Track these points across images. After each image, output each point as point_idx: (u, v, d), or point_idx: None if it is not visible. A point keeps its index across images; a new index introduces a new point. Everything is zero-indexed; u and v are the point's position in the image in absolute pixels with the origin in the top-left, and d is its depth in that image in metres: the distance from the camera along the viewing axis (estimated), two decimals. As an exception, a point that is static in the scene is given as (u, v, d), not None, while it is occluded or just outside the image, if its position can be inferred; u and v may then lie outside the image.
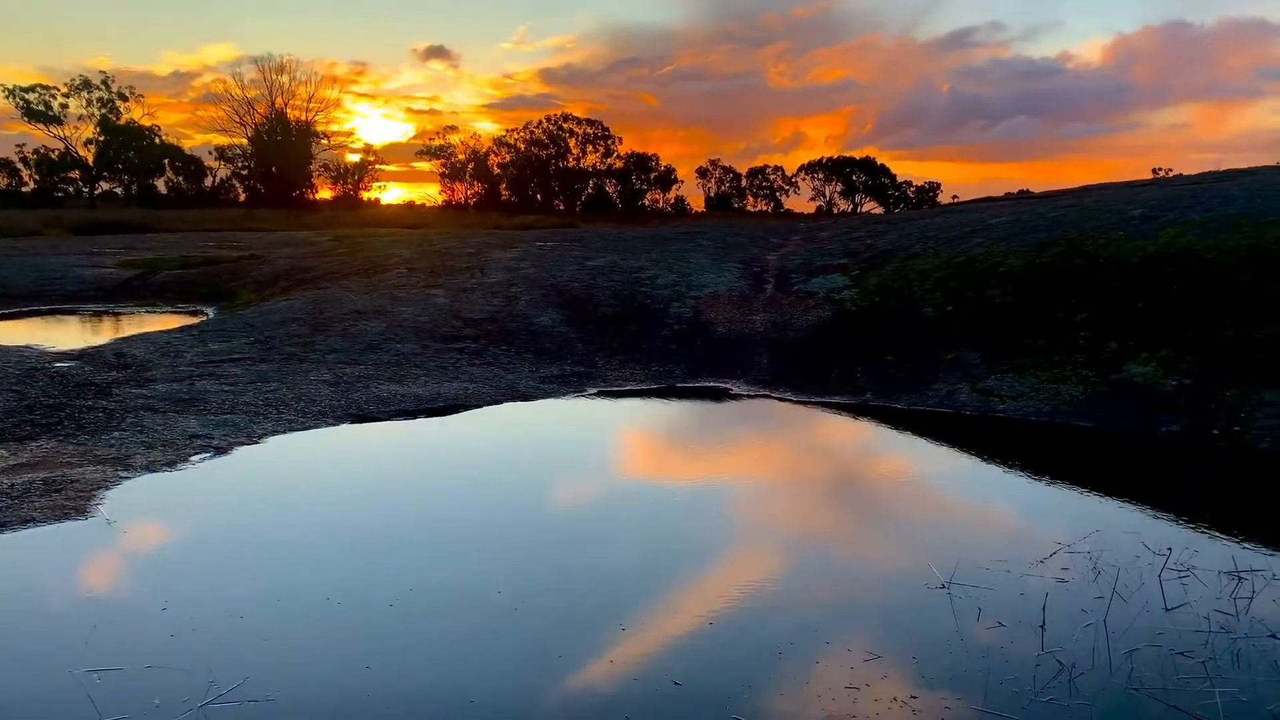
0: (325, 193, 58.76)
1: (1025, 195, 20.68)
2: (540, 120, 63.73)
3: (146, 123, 58.14)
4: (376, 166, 61.57)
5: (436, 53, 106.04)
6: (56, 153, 55.70)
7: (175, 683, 3.40)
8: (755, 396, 8.92)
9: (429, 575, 4.49)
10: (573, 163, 63.14)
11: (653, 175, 63.83)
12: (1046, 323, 9.13)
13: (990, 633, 3.88)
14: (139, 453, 6.28)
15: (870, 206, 62.56)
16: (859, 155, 65.60)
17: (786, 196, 65.50)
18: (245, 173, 58.42)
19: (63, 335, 12.10)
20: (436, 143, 62.77)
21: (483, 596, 4.25)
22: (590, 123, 64.05)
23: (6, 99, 54.38)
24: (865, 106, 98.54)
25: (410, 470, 6.48)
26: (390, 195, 63.76)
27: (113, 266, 17.97)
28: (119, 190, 57.77)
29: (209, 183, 59.23)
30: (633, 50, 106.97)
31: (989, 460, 6.90)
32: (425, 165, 64.23)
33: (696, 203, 64.52)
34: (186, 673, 3.47)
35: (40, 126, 55.01)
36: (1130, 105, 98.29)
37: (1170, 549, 4.73)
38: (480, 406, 8.17)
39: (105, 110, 56.30)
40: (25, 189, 54.57)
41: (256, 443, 6.74)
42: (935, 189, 63.90)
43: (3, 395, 7.43)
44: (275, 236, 24.65)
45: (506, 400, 8.43)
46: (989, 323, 9.51)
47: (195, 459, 6.27)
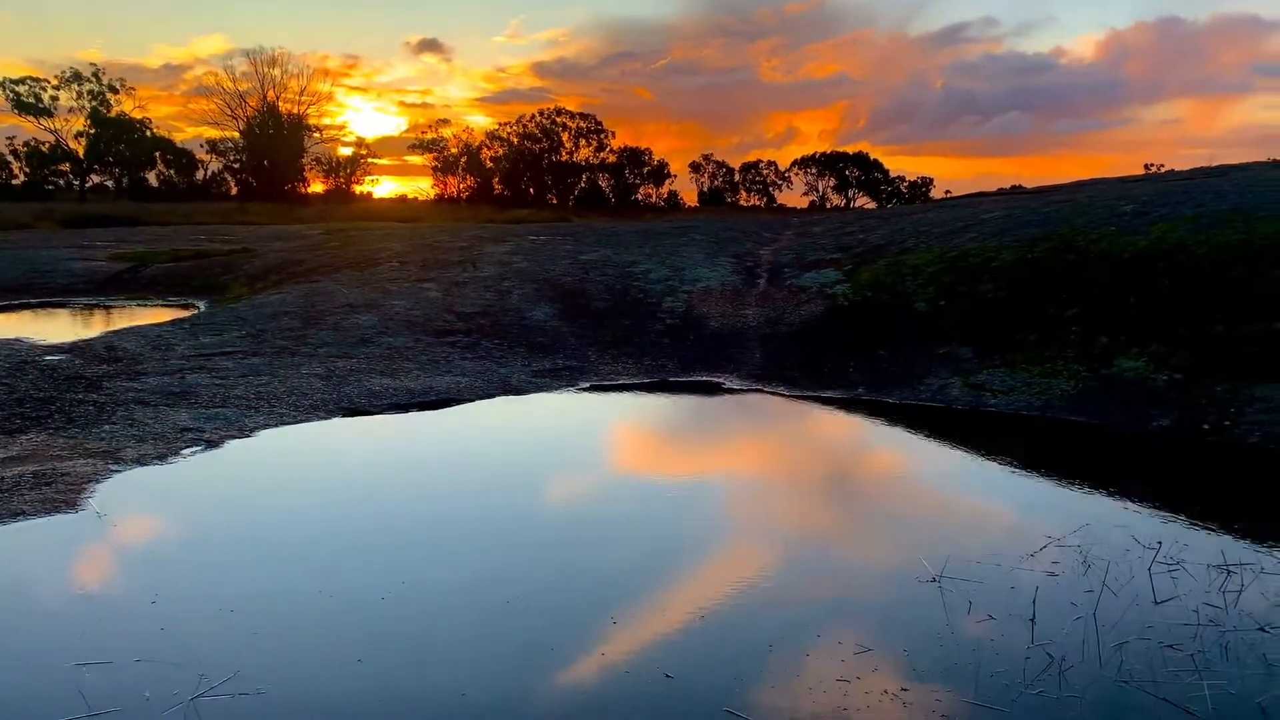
0: (317, 186, 58.56)
1: (1018, 190, 20.72)
2: (533, 114, 63.58)
3: (137, 115, 57.85)
4: (369, 160, 61.33)
5: (429, 46, 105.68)
6: (47, 145, 55.40)
7: (165, 676, 3.39)
8: (748, 391, 8.93)
9: (421, 569, 4.49)
10: (566, 157, 63.01)
11: (646, 170, 63.72)
12: (1038, 317, 9.15)
13: (981, 626, 3.89)
14: (130, 446, 6.26)
15: (863, 201, 62.55)
16: (852, 150, 65.58)
17: (779, 191, 65.46)
18: (237, 166, 58.14)
19: (53, 328, 12.05)
20: (429, 136, 62.57)
21: (474, 590, 4.24)
22: (584, 116, 63.94)
23: (-4, 91, 54.09)
24: (858, 101, 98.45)
25: (402, 464, 6.47)
26: (383, 189, 63.43)
27: (103, 259, 17.90)
28: (110, 183, 57.49)
29: (200, 176, 58.98)
30: (626, 44, 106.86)
31: (980, 454, 6.91)
32: (418, 159, 64.16)
33: (690, 197, 64.46)
34: (177, 666, 3.46)
35: (30, 119, 54.70)
36: (1123, 101, 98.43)
37: (1160, 543, 4.75)
38: (472, 400, 8.16)
39: (96, 103, 56.00)
40: (15, 182, 54.27)
41: (248, 436, 6.72)
42: (928, 184, 63.89)
43: (-8, 388, 7.40)
44: (267, 230, 24.57)
45: (499, 394, 8.43)
46: (981, 317, 9.53)
47: (186, 452, 6.25)
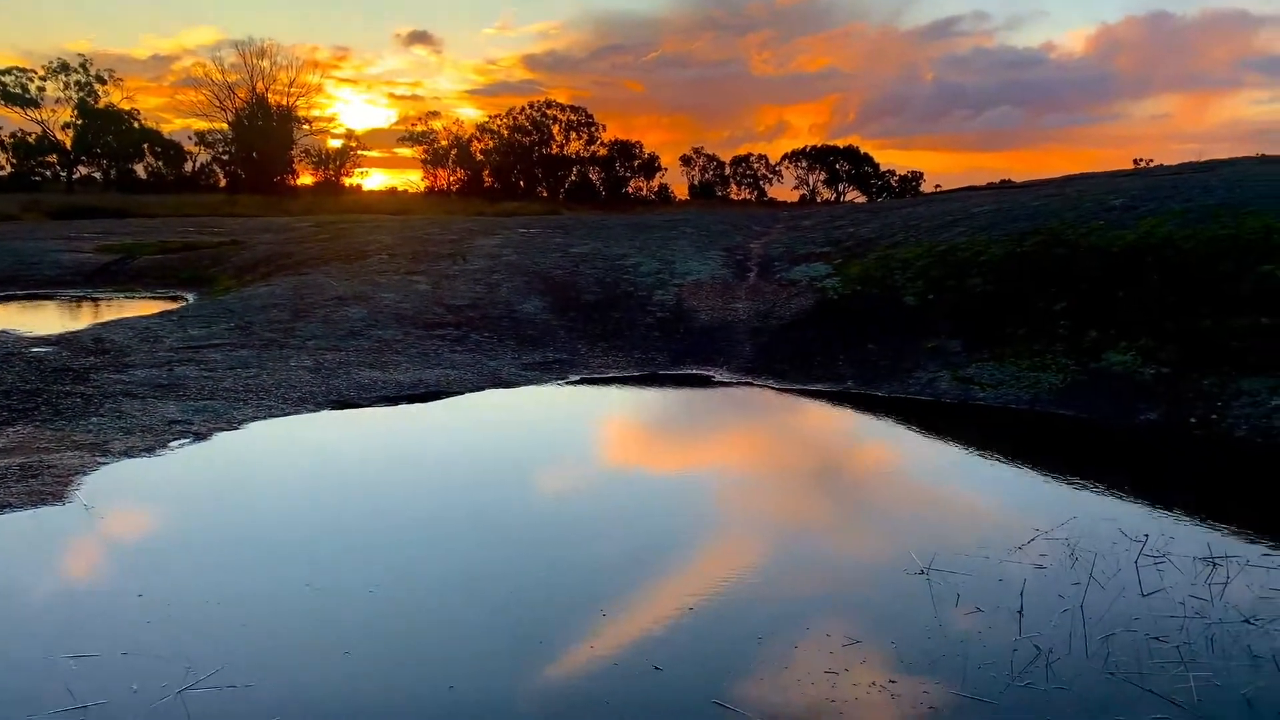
0: (306, 178, 58.31)
1: (1007, 185, 20.73)
2: (524, 106, 63.32)
3: (125, 106, 57.55)
4: (358, 152, 61.09)
5: (419, 38, 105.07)
6: (34, 136, 55.07)
7: (152, 669, 3.38)
8: (738, 384, 8.94)
9: (409, 562, 4.48)
10: (556, 150, 62.85)
11: (636, 163, 63.61)
12: (1027, 311, 9.17)
13: (969, 618, 3.90)
14: (117, 438, 6.23)
15: (853, 195, 62.59)
16: (842, 144, 65.56)
17: (770, 185, 65.42)
18: (226, 158, 57.90)
19: (40, 320, 11.99)
20: (419, 128, 62.30)
21: (463, 583, 4.24)
22: (574, 109, 63.76)
23: (-17, 81, 53.69)
24: (849, 95, 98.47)
25: (391, 457, 6.46)
26: (372, 181, 63.20)
27: (91, 251, 17.80)
28: (97, 175, 57.18)
29: (189, 168, 58.73)
30: (617, 37, 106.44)
31: (969, 448, 6.93)
32: (408, 151, 63.63)
33: (680, 190, 64.37)
34: (163, 659, 3.45)
35: (17, 109, 54.33)
36: (1112, 95, 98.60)
37: (1147, 535, 4.77)
38: (462, 393, 8.15)
39: (83, 94, 55.67)
40: (2, 173, 53.97)
41: (236, 429, 6.70)
42: (918, 178, 63.93)
43: (-22, 380, 7.35)
44: (256, 222, 24.46)
45: (488, 387, 8.41)
46: (970, 311, 9.55)
47: (174, 445, 6.23)
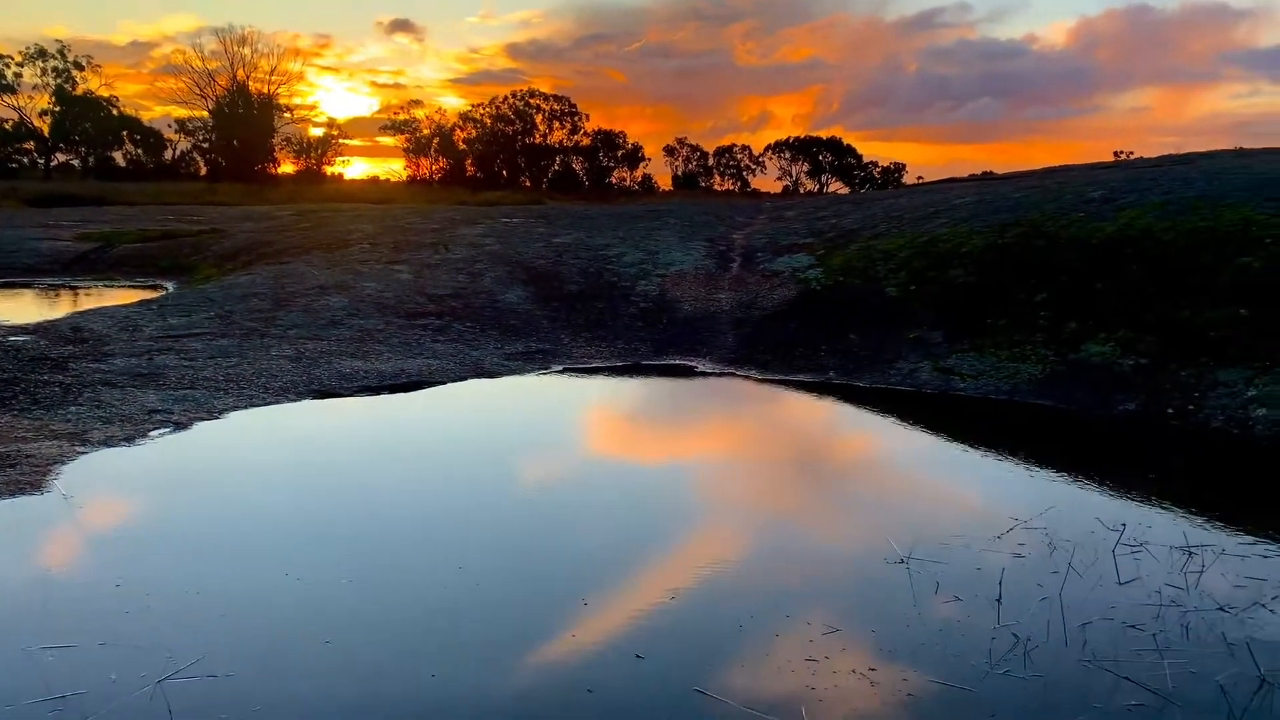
0: (288, 167, 57.94)
1: (989, 176, 20.85)
2: (506, 96, 63.16)
3: (104, 93, 57.01)
4: (340, 141, 60.79)
5: (401, 26, 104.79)
6: (10, 123, 54.49)
7: (131, 659, 3.36)
8: (721, 374, 8.95)
9: (389, 552, 4.48)
10: (539, 139, 62.70)
11: (620, 153, 63.55)
12: (1007, 302, 9.22)
13: (948, 606, 3.93)
14: (96, 428, 6.19)
15: (836, 186, 62.75)
16: (826, 135, 65.77)
17: (753, 176, 65.56)
18: (206, 146, 57.44)
19: (17, 308, 11.88)
20: (401, 117, 62.05)
21: (444, 572, 4.24)
22: (557, 99, 63.63)
23: (-42, 67, 53.04)
24: (832, 86, 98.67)
25: (373, 447, 6.44)
26: (354, 170, 62.96)
27: (69, 239, 17.65)
28: (75, 162, 56.65)
29: (169, 156, 58.27)
30: (600, 26, 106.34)
31: (949, 438, 6.97)
32: (390, 140, 63.36)
33: (664, 181, 64.38)
34: (143, 649, 3.43)
35: (-7, 96, 53.76)
36: (1093, 88, 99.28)
37: (1124, 525, 4.81)
38: (444, 383, 8.13)
39: (61, 80, 55.09)
40: (-22, 160, 53.38)
41: (217, 418, 6.66)
42: (901, 169, 64.21)
43: (-45, 369, 7.28)
44: (236, 211, 24.30)
45: (471, 377, 8.40)
46: (951, 302, 9.59)
47: (154, 434, 6.19)
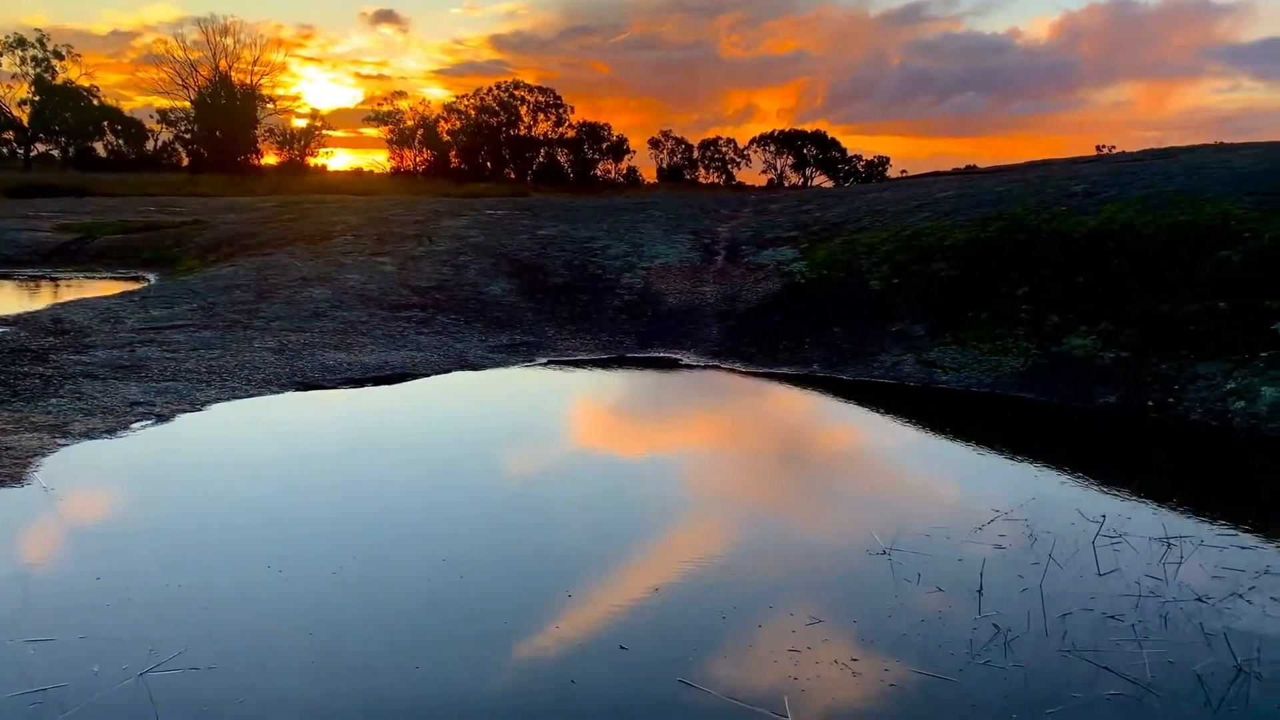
0: (271, 158, 57.58)
1: (972, 170, 20.91)
2: (491, 87, 62.84)
3: (84, 83, 56.47)
4: (323, 132, 60.41)
5: (385, 17, 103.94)
6: (-12, 113, 53.96)
7: (112, 652, 3.35)
8: (705, 367, 8.97)
9: (373, 543, 4.47)
10: (524, 131, 62.47)
11: (605, 145, 63.40)
12: (989, 296, 9.27)
13: (929, 597, 3.96)
14: (78, 420, 6.15)
15: (821, 180, 62.81)
16: (810, 128, 65.84)
17: (738, 169, 65.51)
18: (188, 136, 56.97)
19: (-4, 300, 11.77)
20: (385, 108, 61.68)
21: (427, 565, 4.24)
22: (542, 90, 63.38)
23: (-65, 56, 52.46)
24: (817, 79, 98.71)
25: (356, 439, 6.43)
26: (337, 162, 62.68)
27: (49, 230, 17.49)
28: (55, 152, 56.13)
29: (150, 146, 57.76)
30: (585, 18, 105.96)
31: (931, 430, 7.01)
32: (373, 131, 63.03)
33: (649, 173, 64.26)
34: (124, 642, 3.42)
35: (-29, 85, 53.22)
36: (1076, 82, 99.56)
37: (1104, 517, 4.85)
38: (428, 375, 8.12)
39: (40, 69, 54.54)
40: (-44, 150, 52.86)
41: (200, 410, 6.63)
42: (885, 163, 64.29)
43: (-67, 361, 7.22)
44: (219, 202, 24.13)
45: (455, 369, 8.38)
46: (933, 296, 9.64)
47: (136, 426, 6.16)
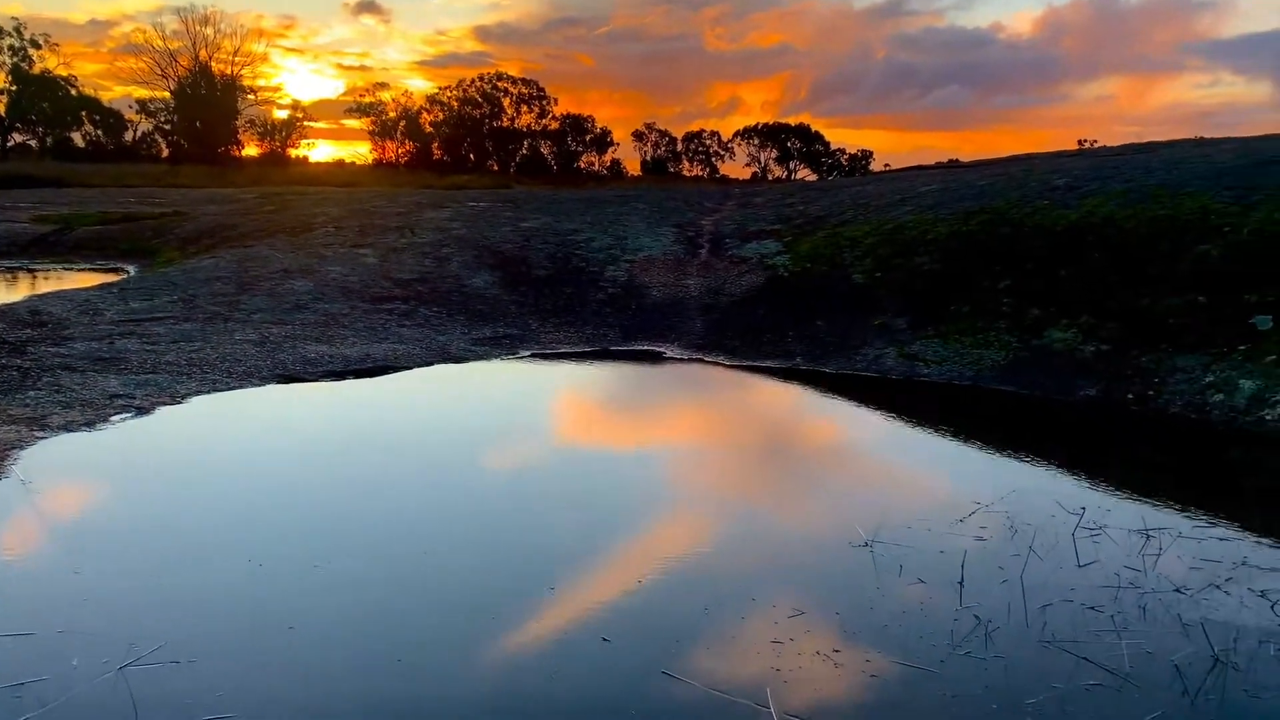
0: (252, 149, 57.19)
1: (955, 164, 20.98)
2: (474, 79, 62.61)
3: (62, 73, 55.94)
4: (305, 123, 60.06)
5: (368, 7, 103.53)
6: (-35, 102, 53.37)
7: (91, 646, 3.33)
8: (689, 360, 8.97)
9: (355, 537, 4.45)
10: (507, 123, 62.28)
11: (588, 137, 63.29)
12: (971, 289, 9.31)
13: (911, 589, 3.98)
14: (56, 412, 6.09)
15: (804, 173, 62.90)
16: (794, 122, 65.87)
17: (722, 162, 65.53)
18: (168, 127, 56.54)
19: (-27, 292, 11.66)
20: (367, 100, 61.34)
21: (409, 558, 4.23)
22: (525, 82, 63.19)
23: (-90, 44, 51.83)
24: (801, 72, 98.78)
25: (337, 432, 6.40)
26: (319, 153, 62.15)
27: (27, 221, 17.33)
28: (33, 143, 55.58)
29: (129, 137, 57.32)
30: (568, 9, 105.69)
31: (913, 423, 7.04)
32: (355, 123, 62.76)
33: (632, 166, 64.18)
34: (102, 637, 3.39)
35: (-53, 74, 52.64)
36: (1059, 77, 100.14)
37: (1084, 509, 4.89)
38: (410, 368, 8.09)
39: (17, 59, 53.99)
40: (-68, 140, 52.27)
41: (180, 403, 6.59)
42: (868, 157, 64.48)
43: (-91, 353, 7.14)
44: (199, 193, 23.96)
45: (438, 362, 8.36)
46: (916, 289, 9.67)
47: (116, 419, 6.11)
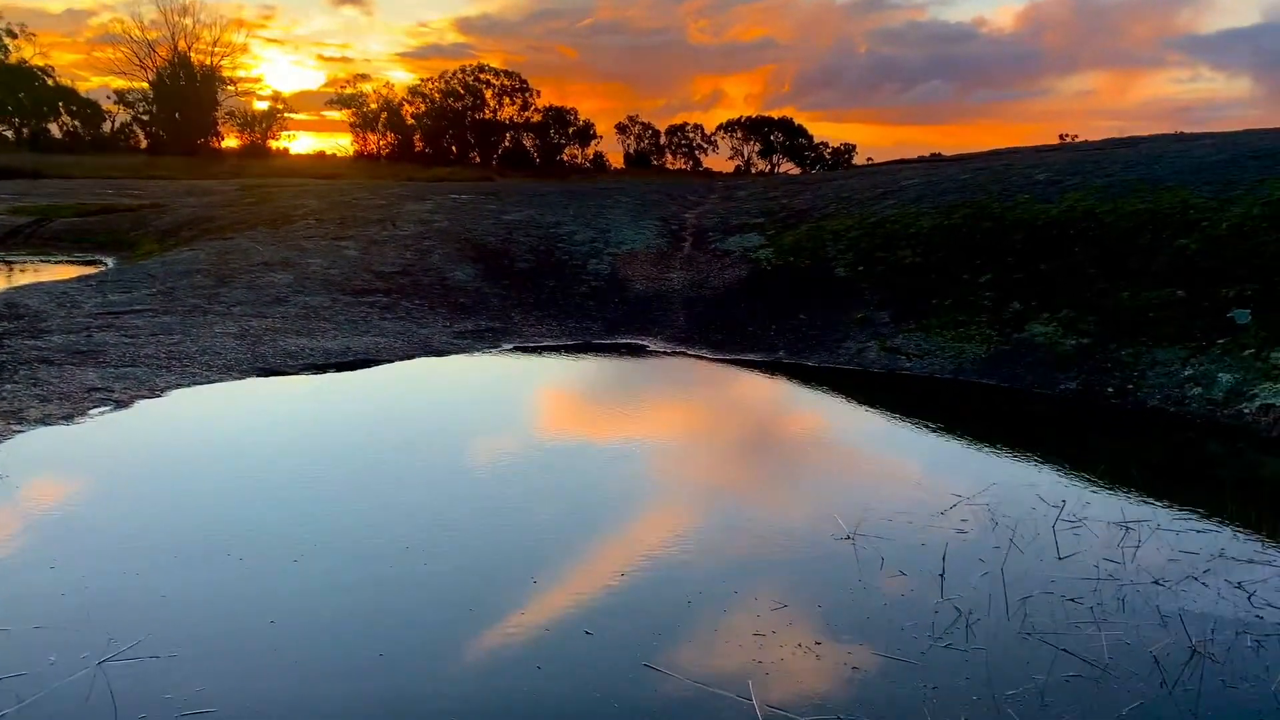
0: (231, 141, 56.66)
1: (937, 158, 21.02)
2: (456, 71, 62.16)
3: (39, 63, 55.26)
4: (285, 115, 59.51)
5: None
6: (-60, 92, 52.69)
7: (69, 641, 3.30)
8: (672, 354, 8.97)
9: (335, 531, 4.43)
10: (489, 115, 61.92)
11: (571, 130, 63.00)
12: (953, 283, 9.35)
13: (892, 581, 3.99)
14: (33, 406, 6.04)
15: (788, 167, 62.86)
16: (777, 115, 65.86)
17: (705, 155, 65.37)
18: (146, 118, 55.98)
19: (-52, 284, 11.53)
20: (348, 91, 60.84)
21: (390, 552, 4.21)
22: (508, 74, 62.82)
23: (-117, 33, 51.13)
24: (784, 66, 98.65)
25: (318, 426, 6.37)
26: (300, 145, 61.50)
27: (2, 213, 17.14)
28: (9, 134, 54.95)
29: (107, 128, 56.66)
30: (551, 1, 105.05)
31: (895, 416, 7.06)
32: (336, 114, 62.16)
33: (615, 159, 63.94)
34: (81, 631, 3.37)
35: (-79, 64, 51.95)
36: (1040, 71, 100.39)
37: (1064, 501, 4.92)
38: (392, 361, 8.05)
39: (-7, 48, 53.36)
40: (-94, 130, 51.59)
41: (159, 396, 6.54)
42: (851, 150, 64.44)
43: (-118, 346, 7.06)
44: (178, 185, 23.77)
45: (419, 355, 8.33)
46: (898, 283, 9.70)
47: (94, 412, 6.06)
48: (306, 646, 3.37)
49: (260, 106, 58.83)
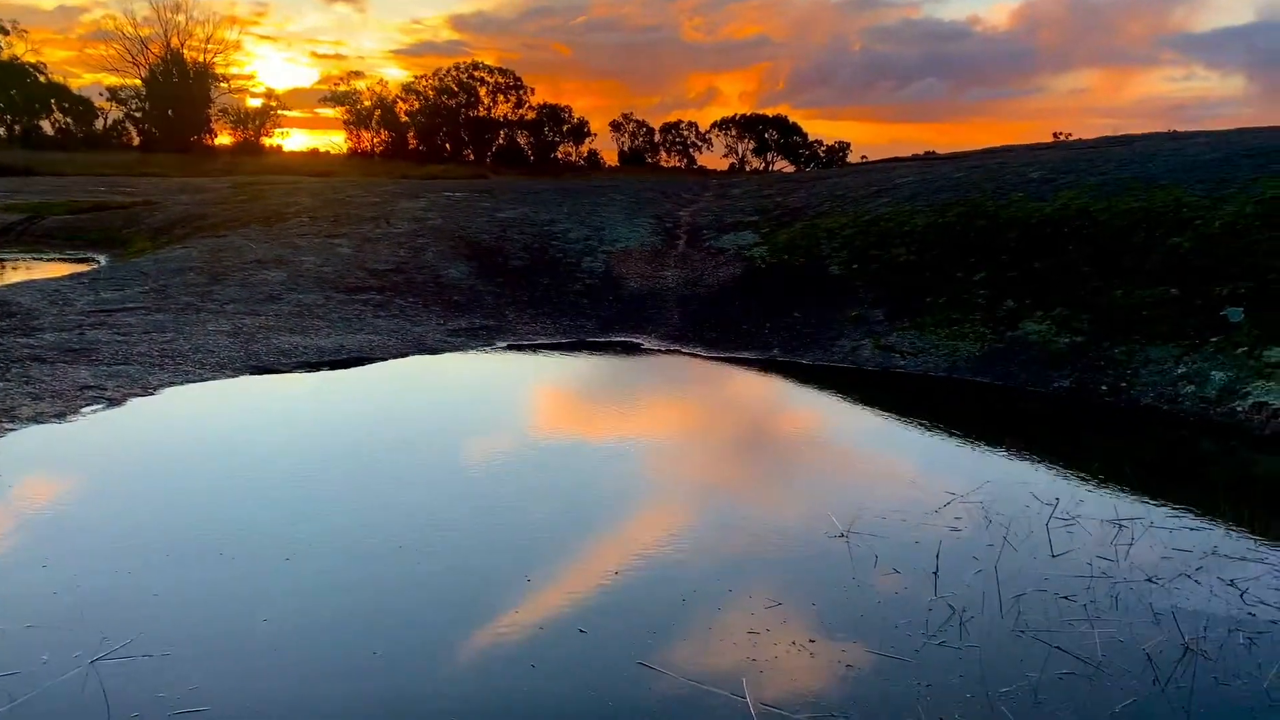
0: (225, 138, 56.45)
1: (932, 156, 21.03)
2: (450, 68, 61.98)
3: (30, 59, 55.06)
4: (279, 112, 59.30)
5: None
6: (-69, 89, 52.46)
7: (62, 640, 3.29)
8: (666, 352, 8.97)
9: (327, 530, 4.42)
10: (483, 112, 61.80)
11: (565, 127, 62.89)
12: (947, 281, 9.35)
13: (886, 579, 4.00)
14: (25, 404, 6.01)
15: (782, 165, 62.81)
16: (772, 113, 65.75)
17: (700, 153, 65.26)
18: (139, 115, 55.81)
19: (-60, 282, 11.47)
20: (342, 89, 60.67)
21: (384, 550, 4.20)
22: (502, 72, 62.69)
23: (-126, 30, 50.88)
24: (778, 63, 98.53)
25: (311, 424, 6.35)
26: (293, 142, 61.27)
27: (-5, 210, 17.07)
28: (1, 131, 54.77)
29: (100, 125, 56.48)
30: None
31: (889, 415, 7.07)
32: (330, 112, 61.92)
33: (610, 157, 63.81)
34: (74, 630, 3.36)
35: (-88, 60, 51.71)
36: (1034, 70, 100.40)
37: (1057, 499, 4.93)
38: (385, 359, 8.04)
39: (-16, 45, 53.14)
40: (-103, 127, 51.36)
41: (152, 394, 6.52)
42: (845, 149, 64.37)
43: (-127, 344, 7.03)
44: (171, 182, 23.69)
45: (413, 353, 8.31)
46: (892, 281, 9.71)
47: (86, 410, 6.04)
48: (300, 645, 3.36)
49: (253, 104, 58.55)
